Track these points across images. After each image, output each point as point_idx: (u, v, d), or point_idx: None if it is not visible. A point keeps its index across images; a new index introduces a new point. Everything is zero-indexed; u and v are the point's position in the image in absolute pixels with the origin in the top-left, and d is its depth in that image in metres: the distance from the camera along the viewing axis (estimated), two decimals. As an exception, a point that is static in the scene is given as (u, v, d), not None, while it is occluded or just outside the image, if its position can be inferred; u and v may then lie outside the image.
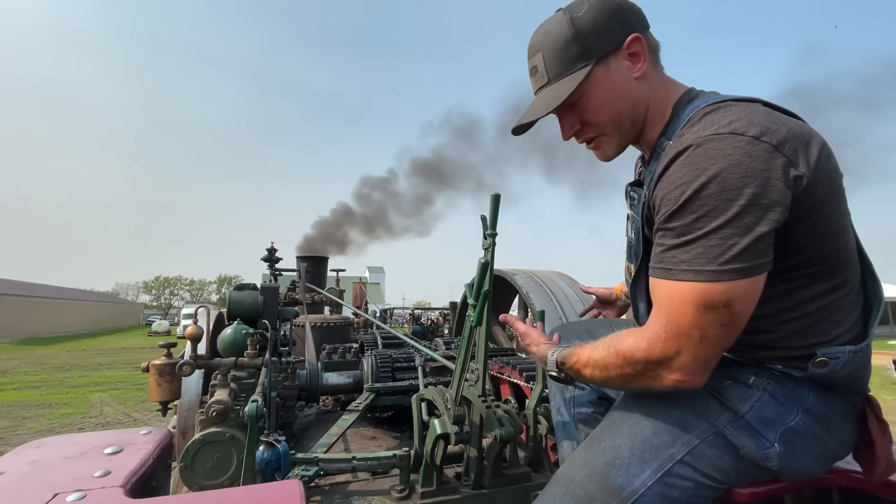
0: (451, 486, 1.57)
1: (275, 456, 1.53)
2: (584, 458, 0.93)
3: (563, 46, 0.92)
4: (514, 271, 3.27)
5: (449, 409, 1.50)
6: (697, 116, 0.85)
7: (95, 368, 14.72)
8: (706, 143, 0.77)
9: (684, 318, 0.78)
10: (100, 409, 8.63)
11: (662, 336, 0.80)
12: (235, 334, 2.09)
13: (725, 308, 0.76)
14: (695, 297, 0.77)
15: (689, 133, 0.82)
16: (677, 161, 0.81)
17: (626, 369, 0.85)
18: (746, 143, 0.75)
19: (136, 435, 1.22)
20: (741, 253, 0.74)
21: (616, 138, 0.99)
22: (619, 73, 0.93)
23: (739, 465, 0.88)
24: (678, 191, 0.79)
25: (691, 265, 0.77)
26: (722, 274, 0.75)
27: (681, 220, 0.79)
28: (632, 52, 0.92)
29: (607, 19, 0.91)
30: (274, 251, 4.90)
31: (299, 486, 0.84)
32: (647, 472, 0.86)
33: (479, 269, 1.44)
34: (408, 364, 2.90)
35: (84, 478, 0.91)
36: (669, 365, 0.80)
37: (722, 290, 0.75)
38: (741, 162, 0.74)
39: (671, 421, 0.89)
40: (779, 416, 0.86)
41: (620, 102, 0.94)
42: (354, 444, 2.56)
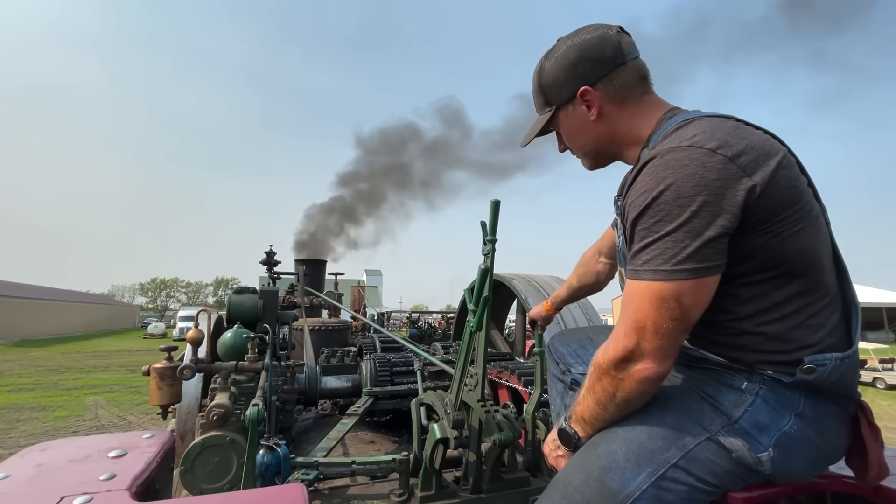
0: (450, 490, 1.58)
1: (275, 460, 1.54)
2: (580, 462, 0.95)
3: (535, 92, 1.15)
4: (513, 275, 3.29)
5: (448, 413, 1.51)
6: (670, 132, 0.94)
7: (90, 371, 14.63)
8: (667, 155, 0.86)
9: (641, 312, 0.86)
10: (94, 411, 8.57)
11: (623, 332, 0.88)
12: (235, 338, 2.10)
13: (676, 304, 0.84)
14: (650, 293, 0.85)
15: (660, 146, 0.91)
16: (643, 171, 0.90)
17: (604, 380, 0.91)
18: (703, 154, 0.83)
19: (139, 438, 1.23)
20: (691, 255, 0.82)
21: (588, 160, 1.17)
22: (577, 116, 1.09)
23: (733, 470, 0.89)
24: (641, 198, 0.87)
25: (650, 265, 0.86)
26: (673, 273, 0.83)
27: (642, 225, 0.88)
28: (585, 100, 1.06)
29: (564, 72, 1.06)
30: (272, 254, 4.90)
31: (303, 489, 0.85)
32: (642, 475, 0.87)
33: (478, 275, 1.45)
34: (406, 368, 2.91)
35: (90, 481, 0.91)
36: (632, 357, 0.87)
37: (673, 288, 0.84)
38: (696, 172, 0.82)
39: (666, 426, 0.91)
40: (772, 420, 0.89)
41: (582, 137, 1.11)
42: (353, 448, 2.56)
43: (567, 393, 1.43)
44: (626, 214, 0.93)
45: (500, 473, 1.63)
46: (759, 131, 0.92)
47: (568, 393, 1.42)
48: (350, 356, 3.22)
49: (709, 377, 0.96)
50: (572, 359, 1.43)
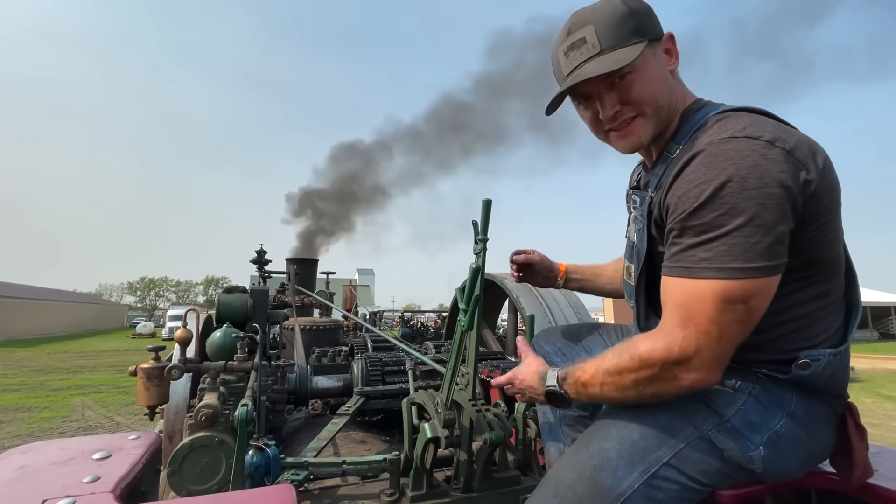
0: (440, 489, 1.58)
1: (264, 461, 1.53)
2: (573, 461, 0.95)
3: (619, 20, 0.93)
4: (505, 275, 3.29)
5: (439, 412, 1.51)
6: (711, 122, 0.88)
7: (77, 371, 14.39)
8: (723, 145, 0.80)
9: (703, 316, 0.79)
10: (81, 412, 8.44)
11: (681, 336, 0.80)
12: (225, 338, 2.07)
13: (744, 305, 0.78)
14: (715, 294, 0.78)
15: (704, 136, 0.85)
16: (694, 161, 0.83)
17: (642, 373, 0.85)
18: (762, 146, 0.78)
19: (124, 440, 1.21)
20: (764, 251, 0.76)
21: (653, 121, 0.98)
22: (661, 60, 0.97)
23: (724, 468, 0.90)
24: (698, 189, 0.80)
25: (713, 263, 0.78)
26: (744, 272, 0.77)
27: (701, 218, 0.80)
28: (667, 47, 0.97)
29: (650, 11, 0.97)
30: (263, 253, 4.86)
31: (292, 490, 0.84)
32: (634, 474, 0.87)
33: (470, 274, 1.45)
34: (398, 368, 2.90)
35: (73, 483, 0.90)
36: (688, 364, 0.80)
37: (743, 288, 0.77)
38: (759, 163, 0.77)
39: (658, 425, 0.91)
40: (764, 420, 0.89)
41: (662, 85, 0.96)
42: (344, 448, 2.55)
43: None
44: (674, 208, 0.85)
45: (490, 472, 1.64)
46: (796, 129, 0.88)
47: None
48: (341, 356, 3.20)
49: None
50: (558, 357, 1.38)
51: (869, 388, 12.40)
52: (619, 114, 0.99)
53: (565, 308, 2.96)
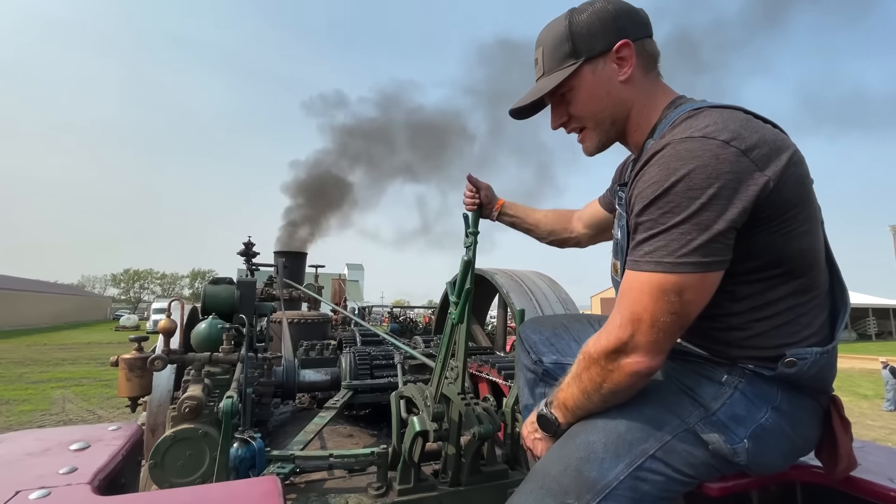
0: (428, 483, 1.57)
1: (249, 453, 1.50)
2: (559, 453, 0.95)
3: (558, 44, 1.01)
4: (495, 271, 3.29)
5: (428, 406, 1.50)
6: (680, 120, 0.91)
7: (58, 364, 14.11)
8: (679, 145, 0.83)
9: (639, 304, 0.84)
10: (62, 405, 8.28)
11: (618, 323, 0.85)
12: (210, 329, 2.04)
13: (677, 297, 0.82)
14: (650, 286, 0.83)
15: (669, 135, 0.88)
16: (652, 161, 0.86)
17: (593, 370, 0.89)
18: (716, 146, 0.80)
19: (104, 431, 1.17)
20: (697, 248, 0.80)
21: (596, 134, 1.06)
22: (605, 74, 1.00)
23: (709, 461, 0.91)
24: (650, 189, 0.84)
25: (652, 257, 0.83)
26: (677, 266, 0.81)
27: (649, 216, 0.85)
28: (620, 56, 0.98)
29: (601, 24, 0.98)
30: (251, 245, 4.80)
31: (277, 482, 0.83)
32: (620, 466, 0.88)
33: (461, 267, 1.44)
34: (387, 362, 2.89)
35: (48, 474, 0.86)
36: (625, 349, 0.85)
37: (675, 281, 0.81)
38: (708, 163, 0.79)
39: (645, 417, 0.92)
40: (749, 413, 0.90)
41: (603, 101, 1.01)
42: (331, 441, 2.53)
43: (538, 384, 1.39)
44: (633, 205, 0.90)
45: (478, 466, 1.63)
46: (769, 125, 0.89)
47: (538, 384, 1.38)
48: (329, 349, 3.18)
49: (689, 369, 0.96)
50: (545, 347, 1.37)
51: (846, 387, 12.72)
52: (566, 125, 1.09)
53: (555, 304, 2.97)
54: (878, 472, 0.99)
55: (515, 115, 1.13)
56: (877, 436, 7.52)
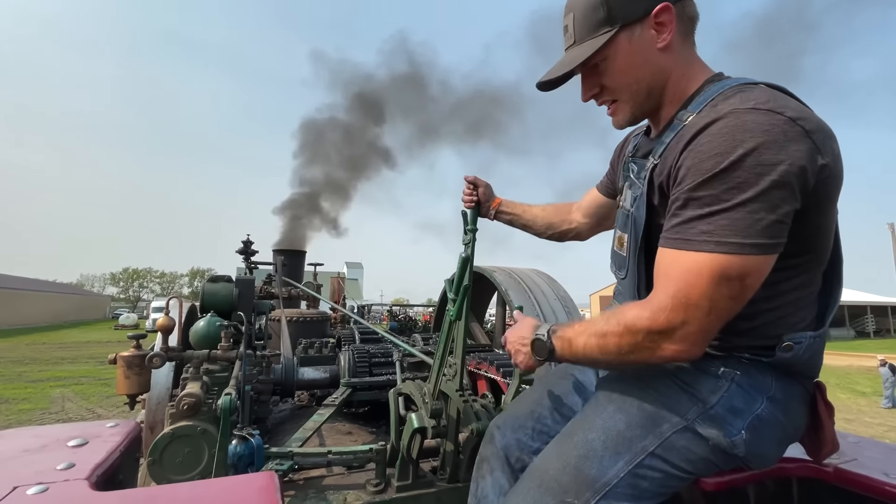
0: (426, 479, 1.58)
1: (248, 450, 1.50)
2: (557, 452, 0.95)
3: (591, 9, 0.94)
4: (494, 268, 3.29)
5: (426, 403, 1.50)
6: (731, 92, 0.85)
7: (57, 363, 14.10)
8: (744, 115, 0.78)
9: (696, 288, 0.77)
10: (61, 404, 8.27)
11: (669, 305, 0.79)
12: (209, 326, 2.04)
13: (739, 282, 0.77)
14: (711, 268, 0.77)
15: (725, 104, 0.82)
16: (711, 129, 0.80)
17: (625, 339, 0.84)
18: (784, 122, 0.76)
19: (102, 427, 1.17)
20: (765, 229, 0.75)
21: (630, 106, 0.99)
22: (643, 41, 0.93)
23: (708, 456, 0.90)
24: (712, 161, 0.78)
25: (713, 236, 0.77)
26: (744, 247, 0.75)
27: (710, 190, 0.78)
28: (658, 21, 0.91)
29: None
30: (250, 244, 4.79)
31: (274, 477, 0.83)
32: (620, 463, 0.88)
33: (459, 264, 1.44)
34: (385, 359, 2.89)
35: (46, 470, 0.86)
36: (672, 335, 0.79)
37: (740, 264, 0.76)
38: (777, 139, 0.75)
39: (644, 415, 0.91)
40: (746, 404, 0.88)
41: (640, 71, 0.95)
42: (330, 439, 2.53)
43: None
44: (683, 178, 0.83)
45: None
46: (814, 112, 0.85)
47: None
48: (328, 347, 3.18)
49: (685, 364, 0.94)
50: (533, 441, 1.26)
51: (845, 384, 12.75)
52: (598, 97, 1.02)
53: (553, 301, 2.97)
54: (873, 467, 1.00)
55: (543, 87, 1.05)
56: (875, 433, 7.54)
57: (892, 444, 1.19)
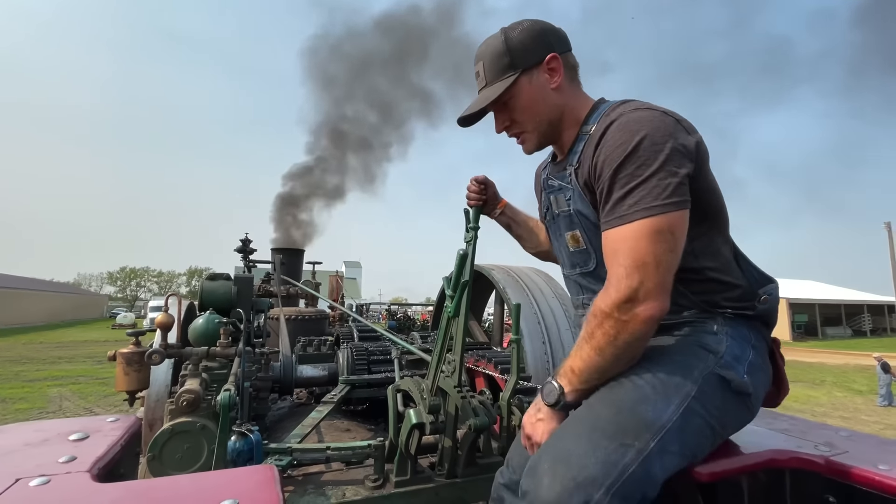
0: (424, 475, 1.59)
1: (247, 446, 1.51)
2: (607, 398, 0.96)
3: (497, 58, 1.15)
4: (492, 266, 3.30)
5: (425, 399, 1.51)
6: (615, 106, 1.08)
7: (54, 362, 14.06)
8: (631, 114, 1.00)
9: (640, 250, 0.91)
10: (59, 403, 8.26)
11: (624, 273, 0.92)
12: (208, 324, 2.04)
13: (671, 235, 0.92)
14: (646, 231, 0.92)
15: (614, 112, 1.04)
16: (611, 129, 1.01)
17: (606, 324, 0.93)
18: (659, 114, 0.99)
19: (102, 422, 1.18)
20: (675, 190, 0.93)
21: (535, 136, 1.20)
22: (540, 83, 1.15)
23: (729, 402, 0.98)
24: (619, 149, 0.97)
25: (639, 206, 0.93)
26: (665, 207, 0.92)
27: (625, 171, 0.96)
28: (550, 67, 1.14)
29: (532, 40, 1.14)
30: (248, 242, 4.79)
31: (274, 470, 0.84)
32: (672, 407, 0.92)
33: (457, 260, 1.45)
34: (384, 357, 2.90)
35: (48, 463, 0.87)
36: (637, 297, 0.90)
37: (667, 221, 0.92)
38: (660, 126, 0.97)
39: (677, 365, 0.98)
40: (742, 352, 1.03)
41: (539, 106, 1.16)
42: (328, 436, 2.54)
43: None
44: (601, 170, 1.01)
45: (475, 458, 1.65)
46: None
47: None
48: (327, 345, 3.19)
49: (690, 329, 1.05)
50: None
51: (841, 382, 12.81)
52: (508, 129, 1.23)
53: (550, 299, 2.98)
54: (864, 459, 1.02)
55: (462, 122, 1.25)
56: (870, 431, 7.59)
57: (883, 438, 1.21)
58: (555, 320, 2.86)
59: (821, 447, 1.11)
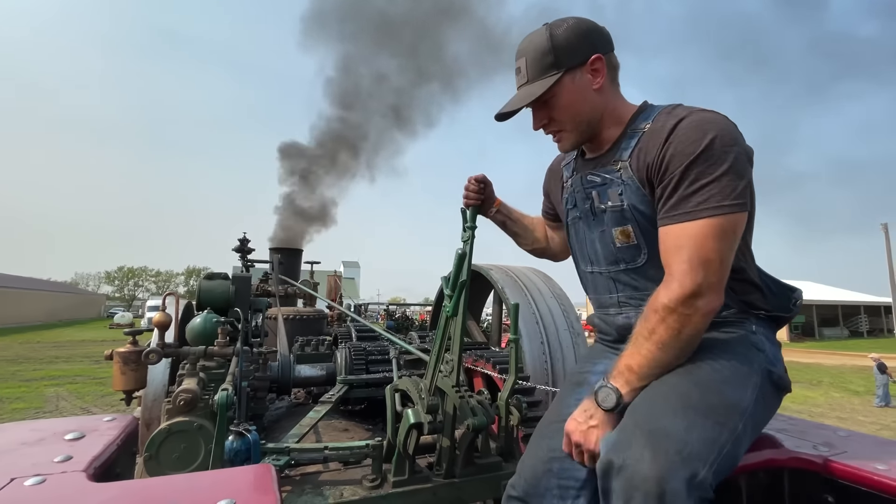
0: (422, 475, 1.58)
1: (244, 446, 1.51)
2: (689, 378, 0.95)
3: (540, 56, 1.13)
4: (490, 266, 3.30)
5: (423, 398, 1.51)
6: (673, 107, 1.10)
7: (51, 361, 14.01)
8: (700, 114, 1.02)
9: (706, 248, 0.94)
10: (55, 403, 8.23)
11: (688, 269, 0.94)
12: (205, 323, 2.04)
13: (734, 235, 0.96)
14: (713, 228, 0.94)
15: (679, 111, 1.05)
16: (681, 125, 1.01)
17: (670, 319, 0.94)
18: (724, 118, 1.02)
19: (99, 421, 1.18)
20: (742, 192, 0.96)
21: (574, 135, 1.20)
22: (582, 83, 1.14)
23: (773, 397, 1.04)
24: (692, 146, 0.98)
25: (708, 203, 0.95)
26: (732, 207, 0.95)
27: (696, 168, 0.97)
28: (594, 68, 1.13)
29: (578, 39, 1.12)
30: (246, 241, 4.78)
31: (271, 469, 0.83)
32: (749, 391, 0.96)
33: (456, 260, 1.45)
34: (382, 357, 2.90)
35: (43, 462, 0.87)
36: (701, 292, 0.93)
37: (734, 220, 0.95)
38: (727, 128, 0.99)
39: (740, 356, 1.01)
40: (777, 352, 1.09)
41: (581, 106, 1.15)
42: (326, 436, 2.54)
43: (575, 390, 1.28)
44: (667, 165, 1.01)
45: (473, 458, 1.65)
46: None
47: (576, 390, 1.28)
48: (325, 345, 3.18)
49: (734, 327, 1.08)
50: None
51: (838, 383, 12.85)
52: (546, 127, 1.22)
53: (549, 299, 2.98)
54: (862, 459, 1.02)
55: (500, 118, 1.25)
56: (867, 431, 7.61)
57: (881, 438, 1.21)
58: (553, 320, 2.86)
59: (819, 447, 1.11)
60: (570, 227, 1.33)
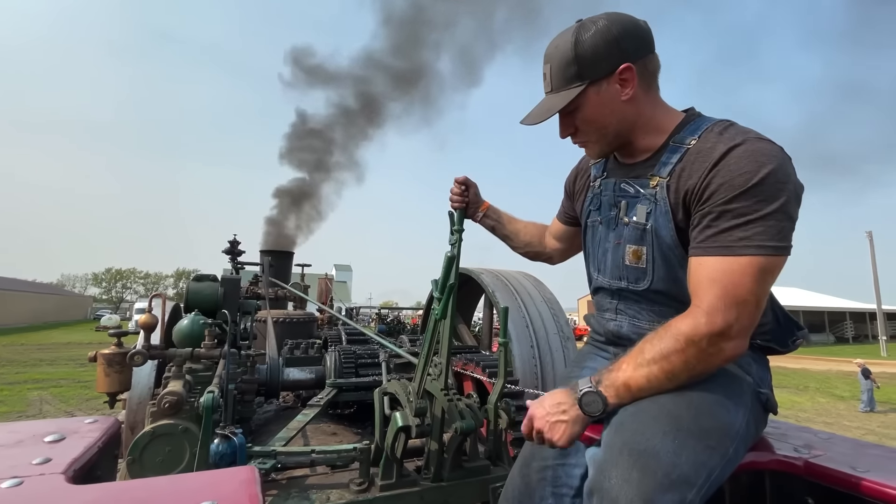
0: (410, 478, 1.58)
1: (230, 449, 1.49)
2: (681, 398, 0.92)
3: (564, 65, 1.06)
4: (481, 270, 3.30)
5: (411, 402, 1.51)
6: (725, 125, 1.01)
7: (35, 364, 13.74)
8: (757, 142, 0.94)
9: (743, 287, 0.89)
10: (39, 407, 8.07)
11: (721, 307, 0.88)
12: (192, 325, 2.02)
13: (772, 277, 0.91)
14: (754, 268, 0.89)
15: (730, 133, 0.98)
16: (735, 153, 0.93)
17: (689, 351, 0.90)
18: (781, 151, 0.94)
19: (80, 423, 1.16)
20: (787, 234, 0.91)
21: (599, 146, 1.15)
22: (609, 94, 1.06)
23: (761, 418, 1.04)
24: (743, 177, 0.90)
25: (752, 241, 0.89)
26: (777, 249, 0.89)
27: (743, 203, 0.90)
28: (623, 78, 1.04)
29: (605, 47, 1.03)
30: (236, 244, 4.74)
31: (255, 471, 0.83)
32: (741, 411, 0.95)
33: (444, 263, 1.46)
34: (372, 360, 2.88)
35: (21, 465, 0.85)
36: (729, 333, 0.89)
37: (774, 263, 0.90)
38: (784, 163, 0.92)
39: (731, 377, 0.99)
40: (764, 374, 1.07)
41: (607, 118, 1.08)
42: (314, 439, 2.52)
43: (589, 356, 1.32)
44: (714, 191, 0.94)
45: (461, 462, 1.64)
46: None
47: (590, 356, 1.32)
48: (314, 348, 3.16)
49: None
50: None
51: (824, 388, 13.01)
52: (573, 136, 1.16)
53: (539, 303, 2.99)
54: (841, 461, 1.03)
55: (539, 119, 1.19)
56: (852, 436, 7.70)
57: (860, 440, 1.23)
58: (543, 324, 2.87)
59: (800, 449, 1.12)
60: (588, 227, 1.28)
